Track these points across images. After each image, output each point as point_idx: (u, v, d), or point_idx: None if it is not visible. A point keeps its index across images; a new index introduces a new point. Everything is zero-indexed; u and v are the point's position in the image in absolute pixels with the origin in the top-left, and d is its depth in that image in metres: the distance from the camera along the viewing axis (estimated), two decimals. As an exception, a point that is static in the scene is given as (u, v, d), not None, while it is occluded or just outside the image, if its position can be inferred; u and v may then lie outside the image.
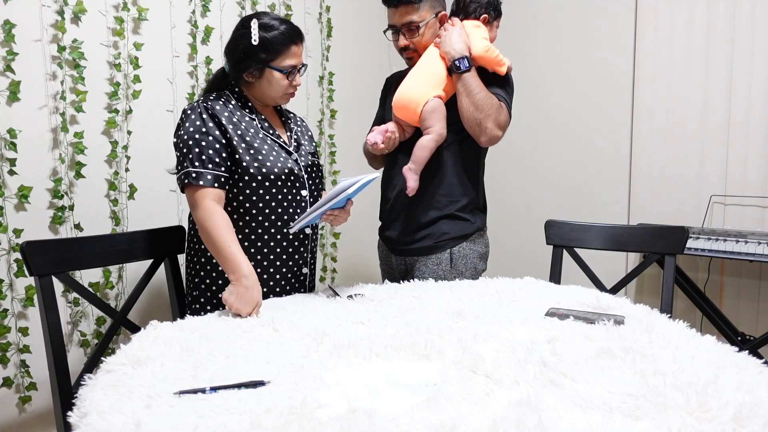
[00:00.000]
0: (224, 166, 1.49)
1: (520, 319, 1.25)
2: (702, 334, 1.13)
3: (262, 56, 1.52)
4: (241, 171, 1.51)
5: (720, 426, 0.76)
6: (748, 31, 2.46)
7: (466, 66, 1.67)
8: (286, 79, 1.56)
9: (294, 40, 1.55)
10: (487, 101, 1.67)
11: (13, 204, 1.74)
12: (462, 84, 1.68)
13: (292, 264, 1.61)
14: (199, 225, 1.47)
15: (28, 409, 1.81)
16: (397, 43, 1.79)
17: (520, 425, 0.75)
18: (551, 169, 3.13)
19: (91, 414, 0.83)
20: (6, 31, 1.69)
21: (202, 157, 1.47)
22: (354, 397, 0.87)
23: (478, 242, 1.80)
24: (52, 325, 1.38)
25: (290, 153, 1.61)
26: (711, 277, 2.63)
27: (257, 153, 1.52)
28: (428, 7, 1.74)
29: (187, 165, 1.47)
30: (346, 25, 2.84)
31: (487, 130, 1.68)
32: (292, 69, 1.56)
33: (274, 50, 1.52)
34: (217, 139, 1.48)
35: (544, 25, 3.10)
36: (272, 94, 1.58)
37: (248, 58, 1.53)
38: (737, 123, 2.51)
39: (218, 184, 1.48)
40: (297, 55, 1.56)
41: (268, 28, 1.52)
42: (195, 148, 1.47)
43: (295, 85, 1.60)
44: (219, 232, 1.43)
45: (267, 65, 1.53)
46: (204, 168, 1.47)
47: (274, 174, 1.53)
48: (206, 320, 1.29)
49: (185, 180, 1.47)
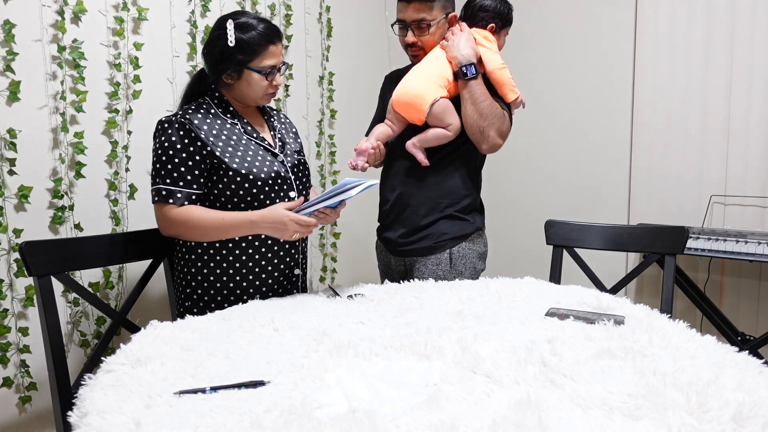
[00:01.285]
0: (196, 183, 1.48)
1: (520, 319, 1.25)
2: (702, 334, 1.13)
3: (239, 57, 1.49)
4: (227, 179, 1.49)
5: (720, 426, 0.76)
6: (748, 31, 2.46)
7: (473, 73, 1.67)
8: (265, 80, 1.53)
9: (272, 40, 1.51)
10: (491, 110, 1.68)
11: (13, 204, 1.74)
12: (468, 91, 1.68)
13: (283, 266, 1.60)
14: (182, 233, 1.50)
15: (28, 409, 1.81)
16: (405, 38, 1.78)
17: (520, 425, 0.75)
18: (551, 169, 3.13)
19: (91, 414, 0.83)
20: (6, 31, 1.69)
21: (174, 174, 1.46)
22: (354, 397, 0.87)
23: (477, 242, 1.80)
24: (52, 325, 1.38)
25: (276, 155, 1.59)
26: (711, 277, 2.63)
27: (243, 160, 1.51)
28: (440, 7, 1.74)
29: (158, 181, 1.47)
30: (346, 25, 2.84)
31: (489, 138, 1.69)
32: (271, 69, 1.52)
33: (251, 51, 1.49)
34: (190, 155, 1.47)
35: (544, 25, 3.09)
36: (252, 96, 1.56)
37: (225, 60, 1.50)
38: (737, 123, 2.51)
39: (188, 202, 1.48)
40: (275, 55, 1.53)
41: (244, 28, 1.49)
42: (167, 164, 1.47)
43: (276, 85, 1.57)
44: (204, 221, 1.46)
45: (245, 66, 1.50)
46: (175, 186, 1.46)
47: (261, 180, 1.52)
48: (206, 320, 1.29)
49: (155, 197, 1.48)
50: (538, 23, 3.12)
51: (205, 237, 1.49)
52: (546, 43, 3.09)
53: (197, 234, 1.48)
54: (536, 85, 3.11)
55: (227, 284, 1.54)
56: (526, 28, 3.15)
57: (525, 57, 3.11)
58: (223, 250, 1.53)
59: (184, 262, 1.58)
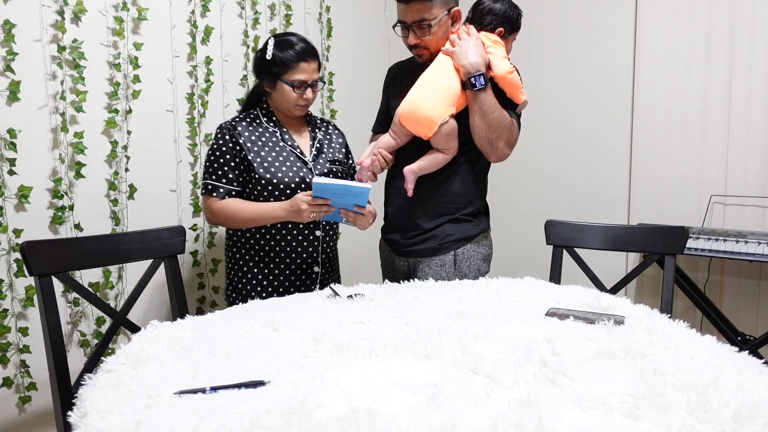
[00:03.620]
0: (236, 181, 1.74)
1: (520, 319, 1.25)
2: (702, 334, 1.13)
3: (274, 70, 1.72)
4: (254, 181, 1.73)
5: (720, 426, 0.76)
6: (748, 31, 2.46)
7: (482, 84, 1.61)
8: (294, 92, 1.73)
9: (304, 58, 1.72)
10: (499, 121, 1.64)
11: (13, 204, 1.74)
12: (477, 102, 1.63)
13: (300, 262, 1.79)
14: (224, 222, 1.76)
15: (28, 409, 1.81)
16: (407, 39, 1.73)
17: (520, 425, 0.75)
18: (551, 170, 3.13)
19: (91, 414, 0.83)
20: (6, 31, 1.69)
21: (218, 172, 1.74)
22: (354, 397, 0.87)
23: (482, 244, 1.80)
24: (52, 325, 1.38)
25: (306, 162, 1.78)
26: (711, 277, 2.63)
27: (270, 165, 1.73)
28: (441, 4, 1.66)
29: (206, 177, 1.75)
30: (346, 25, 2.84)
31: (498, 149, 1.68)
32: (300, 83, 1.72)
33: (284, 65, 1.71)
34: (233, 157, 1.73)
35: (544, 25, 3.09)
36: (284, 105, 1.77)
37: (263, 70, 1.75)
38: (737, 123, 2.51)
39: (228, 197, 1.74)
40: (306, 72, 1.73)
41: (283, 45, 1.73)
42: (214, 163, 1.74)
43: (306, 98, 1.76)
44: (241, 211, 1.71)
45: (278, 78, 1.73)
46: (218, 182, 1.74)
47: (284, 183, 1.73)
48: (206, 320, 1.29)
49: (203, 191, 1.76)
50: (538, 23, 3.11)
51: (242, 225, 1.74)
52: (546, 43, 3.09)
53: (235, 222, 1.74)
54: (536, 85, 3.11)
55: (257, 276, 1.78)
56: (526, 28, 3.13)
57: (525, 57, 3.10)
58: (256, 245, 1.77)
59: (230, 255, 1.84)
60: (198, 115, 2.22)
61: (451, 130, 1.67)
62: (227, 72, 2.33)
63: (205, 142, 2.25)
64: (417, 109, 1.67)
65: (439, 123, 1.64)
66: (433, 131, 1.66)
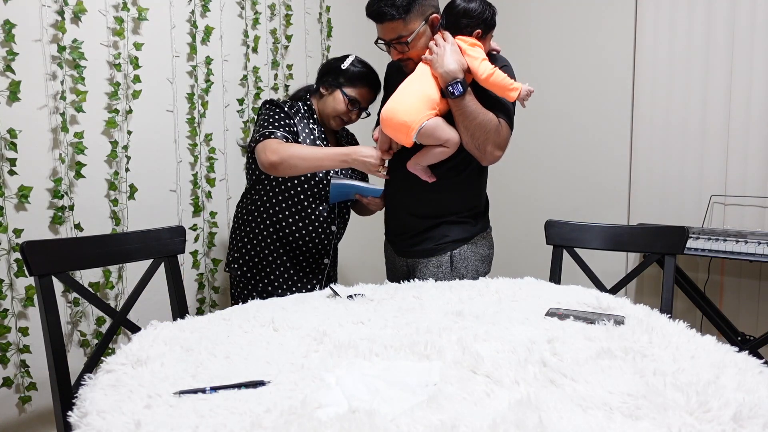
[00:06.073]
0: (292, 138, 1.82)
1: (520, 319, 1.25)
2: (702, 334, 1.13)
3: (340, 79, 1.87)
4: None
5: (720, 426, 0.76)
6: (748, 31, 2.46)
7: (460, 91, 1.57)
8: (345, 105, 1.87)
9: (369, 85, 1.89)
10: (485, 125, 1.61)
11: (13, 204, 1.74)
12: (458, 110, 1.60)
13: (314, 251, 1.93)
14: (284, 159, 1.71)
15: (28, 409, 1.81)
16: (390, 55, 1.73)
17: (520, 425, 0.75)
18: (551, 170, 3.13)
19: (91, 414, 0.83)
20: (6, 31, 1.69)
21: (276, 124, 1.81)
22: (354, 397, 0.87)
23: (481, 245, 1.80)
24: (52, 325, 1.38)
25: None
26: (711, 277, 2.63)
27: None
28: (416, 15, 1.63)
29: (263, 129, 1.79)
30: (346, 25, 2.84)
31: (487, 153, 1.65)
32: (354, 101, 1.88)
33: (352, 79, 1.87)
34: (288, 123, 1.83)
35: (544, 25, 3.09)
36: (329, 112, 1.89)
37: (330, 74, 1.90)
38: (737, 123, 2.51)
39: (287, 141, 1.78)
40: (364, 96, 1.90)
41: (361, 66, 1.90)
42: (272, 119, 1.81)
43: (349, 117, 1.91)
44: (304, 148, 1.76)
45: (340, 87, 1.87)
46: (278, 129, 1.80)
47: (304, 176, 1.84)
48: (206, 320, 1.29)
49: (259, 138, 1.76)
50: (538, 24, 3.12)
51: (303, 162, 1.72)
52: (546, 43, 3.09)
53: (295, 159, 1.71)
54: (536, 85, 3.08)
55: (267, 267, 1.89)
56: (526, 28, 3.15)
57: (525, 57, 3.11)
58: (268, 239, 1.89)
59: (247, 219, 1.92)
60: (198, 115, 2.22)
61: (434, 127, 1.61)
62: (227, 72, 2.33)
63: (205, 142, 2.25)
64: (393, 115, 1.64)
65: (417, 129, 1.60)
66: (411, 137, 1.61)
